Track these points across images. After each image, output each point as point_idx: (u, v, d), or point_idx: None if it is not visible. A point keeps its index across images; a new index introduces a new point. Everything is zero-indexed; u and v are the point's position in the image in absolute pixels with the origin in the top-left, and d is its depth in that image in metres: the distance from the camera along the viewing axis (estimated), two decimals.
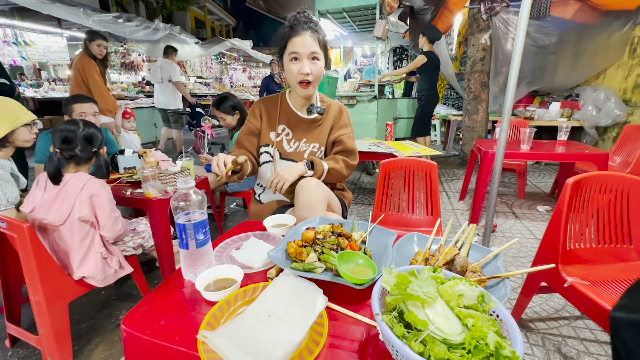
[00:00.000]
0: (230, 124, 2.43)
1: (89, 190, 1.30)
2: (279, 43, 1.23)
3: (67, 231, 1.30)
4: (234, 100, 2.41)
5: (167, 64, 4.76)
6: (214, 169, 1.14)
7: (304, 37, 1.17)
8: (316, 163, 1.26)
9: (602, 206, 1.31)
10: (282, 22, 1.24)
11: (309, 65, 1.19)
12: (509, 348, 0.45)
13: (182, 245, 0.82)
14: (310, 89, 1.25)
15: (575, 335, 1.42)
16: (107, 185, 1.37)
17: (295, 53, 1.18)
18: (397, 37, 6.99)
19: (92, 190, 1.31)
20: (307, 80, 1.21)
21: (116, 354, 1.41)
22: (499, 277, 0.74)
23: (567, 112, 3.93)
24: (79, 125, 1.34)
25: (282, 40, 1.21)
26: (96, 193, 1.31)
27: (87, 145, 1.34)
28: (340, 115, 1.38)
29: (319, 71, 1.22)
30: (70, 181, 1.30)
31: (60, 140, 1.30)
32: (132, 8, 10.19)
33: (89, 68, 3.13)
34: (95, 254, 1.34)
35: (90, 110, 2.03)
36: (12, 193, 1.41)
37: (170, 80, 4.76)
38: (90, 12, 4.94)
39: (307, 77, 1.20)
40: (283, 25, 1.23)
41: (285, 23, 1.22)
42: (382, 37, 3.91)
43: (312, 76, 1.21)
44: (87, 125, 1.36)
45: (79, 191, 1.29)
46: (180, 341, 0.63)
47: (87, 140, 1.34)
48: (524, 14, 1.57)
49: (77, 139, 1.31)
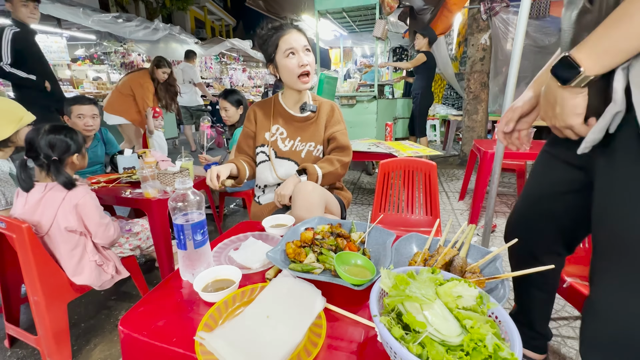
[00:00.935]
0: (232, 117, 2.47)
1: (72, 199, 1.23)
2: (268, 48, 1.27)
3: (51, 241, 1.26)
4: (241, 96, 2.50)
5: (189, 67, 5.37)
6: (208, 183, 1.20)
7: (293, 34, 1.23)
8: (310, 172, 1.28)
9: None
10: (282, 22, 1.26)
11: (305, 56, 1.25)
12: (508, 350, 0.45)
13: (180, 246, 0.82)
14: (310, 81, 1.29)
15: (575, 335, 1.42)
16: (91, 191, 1.31)
17: (291, 48, 1.23)
18: (396, 37, 7.00)
19: (75, 199, 1.24)
20: (308, 70, 1.26)
21: (115, 354, 1.40)
22: (498, 278, 0.73)
23: None
24: (41, 129, 1.23)
25: (272, 43, 1.25)
26: (81, 202, 1.24)
27: (49, 152, 1.23)
28: (332, 112, 1.41)
29: (313, 62, 1.28)
30: (51, 191, 1.23)
31: (26, 146, 1.22)
32: (132, 8, 10.18)
33: (147, 89, 3.39)
34: (89, 262, 1.30)
35: (89, 113, 2.01)
36: (11, 193, 1.41)
37: (191, 82, 5.34)
38: (90, 12, 4.95)
39: (306, 67, 1.25)
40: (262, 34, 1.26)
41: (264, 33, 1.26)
42: (381, 37, 3.91)
43: (310, 67, 1.26)
44: (52, 130, 1.24)
45: (60, 201, 1.22)
46: (177, 342, 0.63)
47: (49, 147, 1.22)
48: (524, 14, 1.57)
49: (38, 145, 1.21)
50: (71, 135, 1.29)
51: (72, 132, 1.30)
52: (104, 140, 2.27)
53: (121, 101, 3.35)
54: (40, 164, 1.24)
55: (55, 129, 1.26)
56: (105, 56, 7.83)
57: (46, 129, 1.24)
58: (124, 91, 3.35)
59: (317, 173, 1.28)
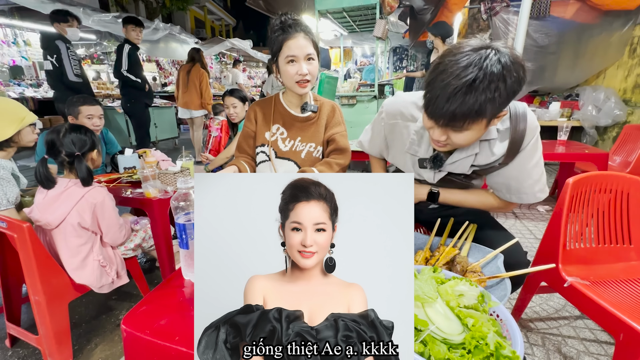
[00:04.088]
0: (240, 114, 2.50)
1: (92, 199, 1.31)
2: (272, 47, 1.26)
3: (60, 234, 1.30)
4: (245, 94, 2.54)
5: (234, 72, 7.40)
6: None
7: (298, 40, 1.20)
8: None
9: (602, 206, 1.31)
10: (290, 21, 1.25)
11: (306, 65, 1.23)
12: (509, 348, 0.45)
13: (182, 245, 0.82)
14: (308, 86, 1.28)
15: (575, 335, 1.42)
16: (110, 193, 1.39)
17: (292, 56, 1.21)
18: (397, 37, 7.00)
19: (94, 199, 1.31)
20: (306, 79, 1.25)
21: (116, 354, 1.41)
22: (499, 277, 0.74)
23: (567, 112, 3.92)
24: (61, 129, 1.33)
25: (277, 44, 1.24)
26: (100, 202, 1.32)
27: (69, 150, 1.32)
28: (333, 113, 1.41)
29: (315, 70, 1.27)
30: (72, 187, 1.31)
31: (46, 147, 1.30)
32: (132, 8, 10.18)
33: (205, 77, 4.47)
34: (93, 261, 1.34)
35: (97, 113, 2.02)
36: (13, 193, 1.41)
37: (236, 82, 7.22)
38: (90, 12, 4.95)
39: (305, 77, 1.24)
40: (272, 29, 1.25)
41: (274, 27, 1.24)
42: (382, 37, 3.91)
43: (310, 75, 1.25)
44: (73, 129, 1.35)
45: (79, 198, 1.29)
46: (180, 341, 0.63)
47: (72, 144, 1.32)
48: (524, 14, 1.57)
49: (61, 144, 1.30)
50: (89, 133, 1.39)
51: (89, 131, 1.40)
52: (105, 140, 2.27)
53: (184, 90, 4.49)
54: (61, 161, 1.32)
55: (75, 128, 1.36)
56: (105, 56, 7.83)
57: (67, 129, 1.33)
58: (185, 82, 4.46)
59: None
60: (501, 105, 0.75)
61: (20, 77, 6.99)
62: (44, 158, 1.30)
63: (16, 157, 1.70)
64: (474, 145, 0.92)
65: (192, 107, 4.52)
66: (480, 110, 0.73)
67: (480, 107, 0.73)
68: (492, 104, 0.73)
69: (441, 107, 0.75)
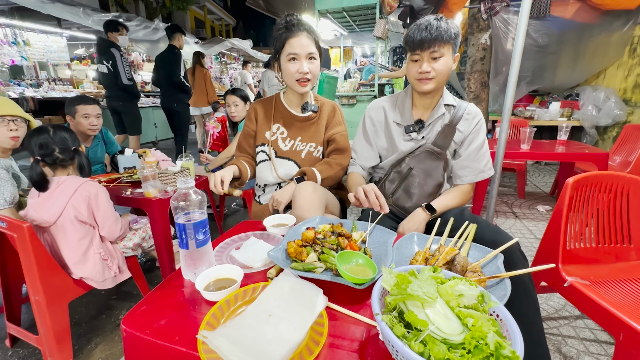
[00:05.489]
0: (241, 113, 2.51)
1: (86, 191, 1.32)
2: (275, 45, 1.26)
3: (59, 231, 1.30)
4: (246, 93, 2.56)
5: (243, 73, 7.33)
6: (212, 188, 1.20)
7: (301, 38, 1.21)
8: (309, 175, 1.29)
9: (602, 206, 1.31)
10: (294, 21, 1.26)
11: (308, 64, 1.23)
12: (509, 348, 0.45)
13: (182, 245, 0.82)
14: (309, 85, 1.28)
15: (575, 335, 1.42)
16: (103, 186, 1.39)
17: (293, 54, 1.21)
18: (397, 37, 6.99)
19: (89, 191, 1.32)
20: (306, 78, 1.25)
21: (116, 354, 1.41)
22: (499, 277, 0.74)
23: (567, 112, 3.92)
24: (49, 130, 1.33)
25: (279, 42, 1.24)
26: (94, 194, 1.33)
27: (64, 146, 1.34)
28: (333, 113, 1.41)
29: (316, 70, 1.27)
30: (65, 183, 1.31)
31: (38, 148, 1.30)
32: (132, 8, 10.17)
33: (208, 74, 4.92)
34: (94, 254, 1.34)
35: (94, 112, 2.03)
36: (10, 192, 1.41)
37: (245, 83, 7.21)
38: (90, 11, 4.95)
39: (306, 75, 1.24)
40: (277, 27, 1.25)
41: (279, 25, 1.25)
42: (382, 36, 3.91)
43: (311, 74, 1.25)
44: (57, 128, 1.36)
45: (72, 192, 1.30)
46: (180, 341, 0.63)
47: (63, 141, 1.34)
48: (524, 13, 1.57)
49: (53, 142, 1.31)
50: (69, 130, 1.41)
51: (68, 129, 1.41)
52: (105, 140, 2.27)
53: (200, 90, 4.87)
54: (54, 159, 1.33)
55: (59, 127, 1.38)
56: None
57: (53, 128, 1.35)
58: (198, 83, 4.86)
59: (317, 177, 1.29)
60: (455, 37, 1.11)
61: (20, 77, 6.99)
62: (37, 159, 1.30)
63: (16, 157, 1.70)
64: (440, 108, 1.23)
65: (201, 105, 4.94)
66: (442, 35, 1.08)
67: (441, 33, 1.08)
68: (447, 33, 1.09)
69: (417, 38, 1.10)
